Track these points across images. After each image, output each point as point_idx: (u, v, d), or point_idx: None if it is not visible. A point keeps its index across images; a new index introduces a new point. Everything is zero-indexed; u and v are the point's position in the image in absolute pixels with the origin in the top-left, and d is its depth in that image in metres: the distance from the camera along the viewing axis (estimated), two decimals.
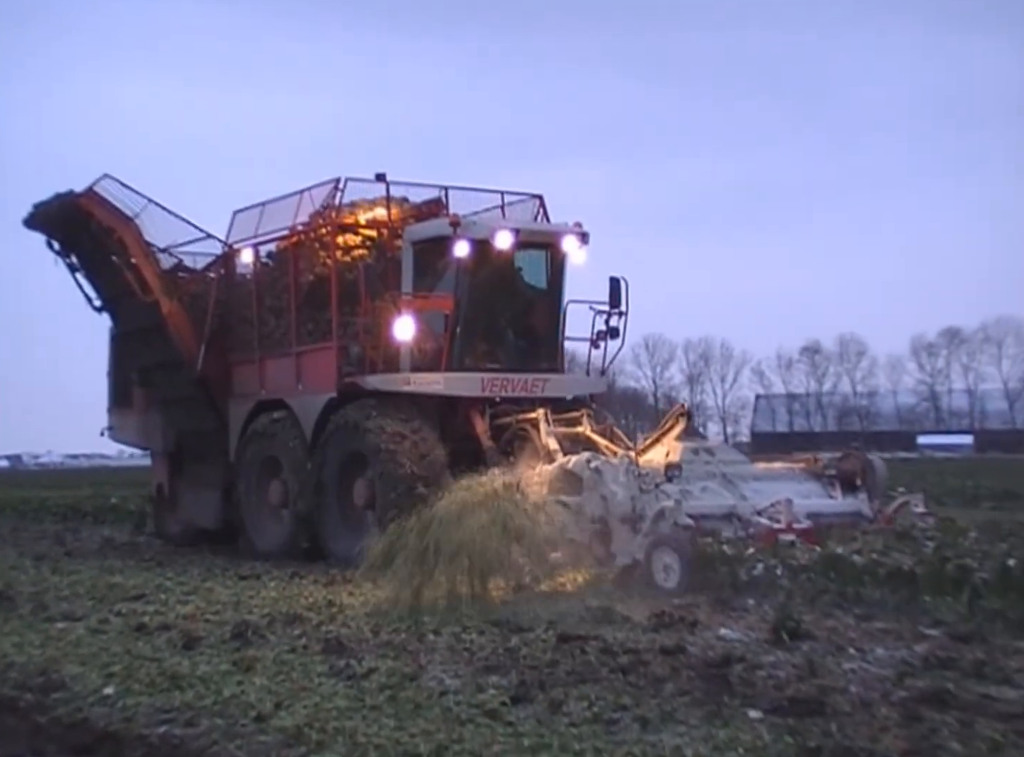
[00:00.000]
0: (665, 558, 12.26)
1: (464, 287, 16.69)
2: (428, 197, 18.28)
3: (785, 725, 6.62)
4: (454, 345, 16.69)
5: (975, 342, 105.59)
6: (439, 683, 7.99)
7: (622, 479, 13.49)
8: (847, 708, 6.95)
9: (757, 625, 9.85)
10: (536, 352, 17.57)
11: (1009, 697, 7.21)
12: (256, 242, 18.88)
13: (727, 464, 14.67)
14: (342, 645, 9.42)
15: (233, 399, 19.39)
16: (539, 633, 9.74)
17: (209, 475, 19.84)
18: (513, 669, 8.34)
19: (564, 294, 17.50)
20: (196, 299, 19.63)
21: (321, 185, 17.83)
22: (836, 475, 14.66)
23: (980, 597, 9.96)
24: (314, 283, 17.84)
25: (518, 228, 16.74)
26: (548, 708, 7.20)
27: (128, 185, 19.49)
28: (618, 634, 9.62)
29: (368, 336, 16.81)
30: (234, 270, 19.57)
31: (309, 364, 17.87)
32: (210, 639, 10.00)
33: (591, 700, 7.33)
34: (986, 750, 6.14)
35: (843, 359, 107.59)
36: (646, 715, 6.96)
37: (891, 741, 6.24)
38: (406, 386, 16.65)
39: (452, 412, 16.87)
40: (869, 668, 8.12)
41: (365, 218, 17.80)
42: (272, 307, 18.65)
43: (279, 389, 18.43)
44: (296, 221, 18.12)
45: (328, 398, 17.26)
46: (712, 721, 6.80)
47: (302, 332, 18.00)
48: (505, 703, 7.33)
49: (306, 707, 7.41)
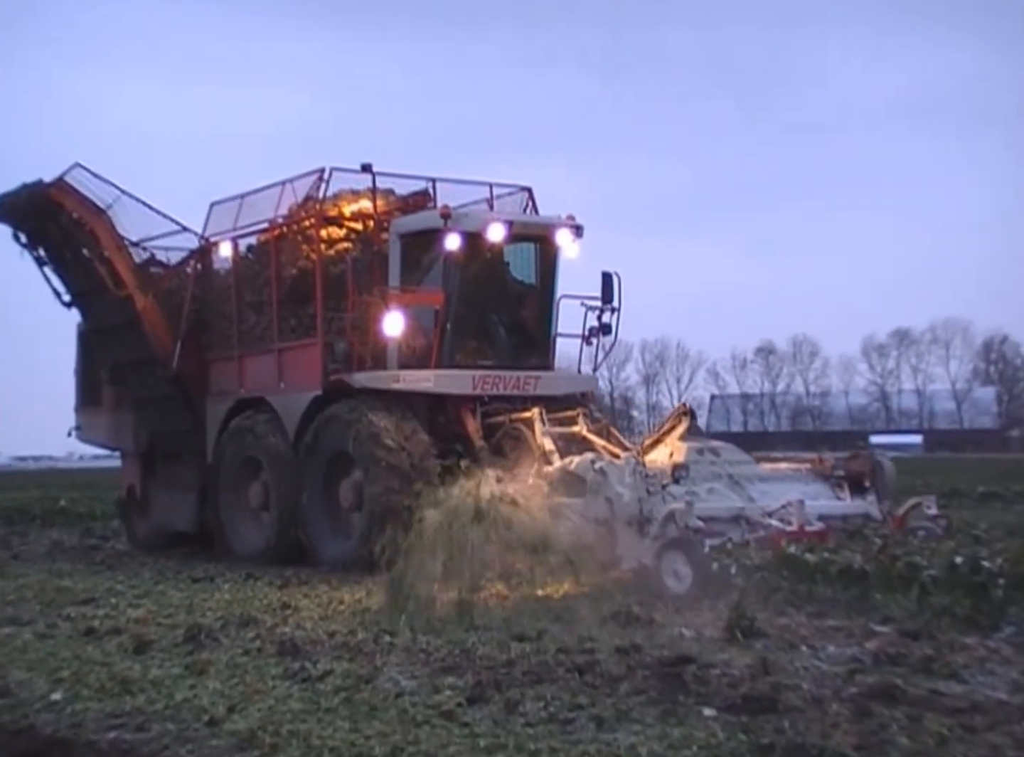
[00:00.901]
0: (675, 562, 11.78)
1: (455, 281, 16.17)
2: (414, 189, 17.67)
3: (738, 722, 6.69)
4: (444, 341, 16.16)
5: (924, 343, 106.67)
6: (395, 685, 7.97)
7: (628, 480, 13.05)
8: (799, 705, 7.02)
9: (712, 623, 9.79)
10: (528, 349, 17.07)
11: (956, 692, 7.33)
12: (235, 235, 18.25)
13: (733, 465, 14.22)
14: (297, 647, 9.37)
15: (210, 398, 18.75)
16: (494, 633, 9.75)
17: (184, 476, 19.18)
18: (469, 670, 8.34)
19: (557, 289, 17.02)
20: (171, 294, 18.99)
21: (304, 176, 17.23)
22: (844, 476, 14.22)
23: (928, 594, 10.04)
24: (297, 277, 17.23)
25: (511, 220, 16.24)
26: (504, 708, 7.21)
27: (100, 175, 18.86)
28: (572, 633, 9.60)
29: (356, 332, 16.21)
30: (211, 264, 18.94)
31: (292, 361, 17.26)
32: (162, 643, 9.90)
33: (547, 700, 7.35)
34: (933, 745, 6.21)
35: (796, 360, 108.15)
36: (601, 714, 7.00)
37: (842, 737, 6.32)
38: (395, 384, 16.09)
39: (442, 411, 16.35)
40: (821, 665, 8.19)
41: (350, 210, 17.22)
42: (252, 302, 18.03)
43: (260, 387, 17.82)
44: (278, 213, 17.52)
45: (313, 396, 16.67)
46: (667, 719, 6.86)
47: (284, 328, 17.40)
48: (461, 704, 7.34)
49: (260, 710, 7.37)
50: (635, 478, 13.02)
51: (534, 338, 17.12)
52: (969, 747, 6.20)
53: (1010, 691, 7.39)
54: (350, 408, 15.96)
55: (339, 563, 15.39)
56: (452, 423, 16.20)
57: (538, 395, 16.45)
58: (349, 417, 15.85)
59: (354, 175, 17.17)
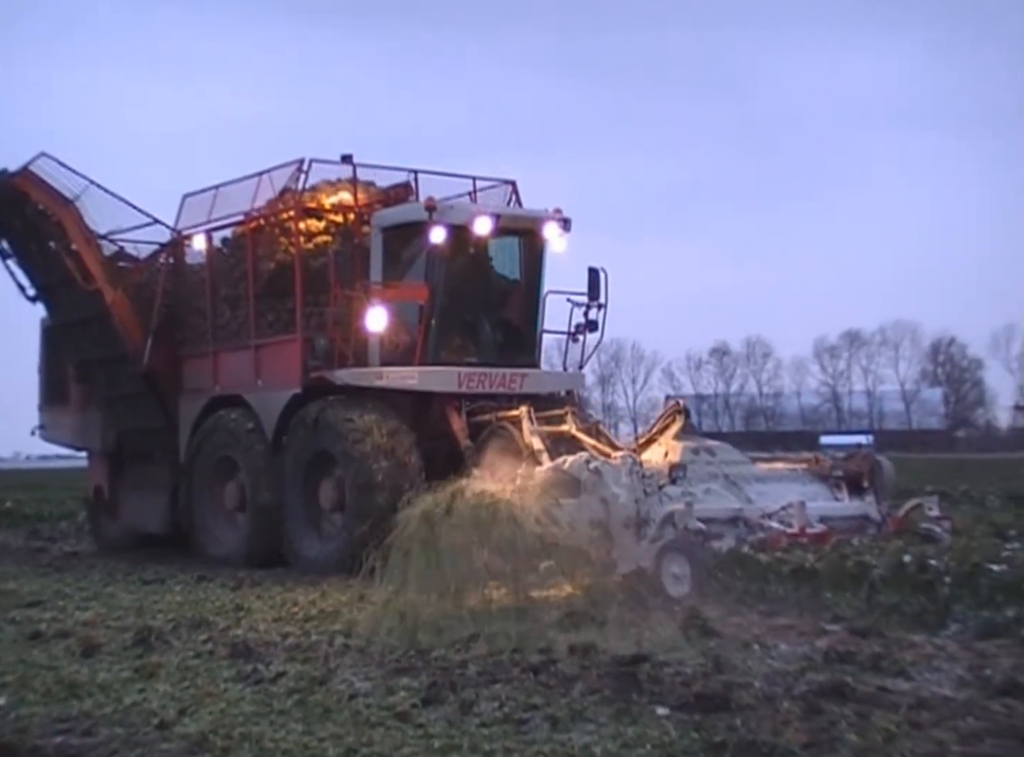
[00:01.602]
0: (675, 565, 11.46)
1: (440, 276, 15.76)
2: (395, 181, 17.24)
3: (691, 721, 6.73)
4: (429, 338, 15.75)
5: (874, 345, 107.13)
6: (349, 686, 7.92)
7: (625, 481, 12.66)
8: (751, 703, 7.06)
9: (666, 622, 9.71)
10: (514, 345, 16.67)
11: (903, 689, 7.41)
12: (209, 228, 17.73)
13: (729, 465, 13.84)
14: (249, 649, 9.28)
15: (183, 395, 18.22)
16: (450, 634, 9.64)
17: (155, 476, 18.62)
18: (424, 671, 8.31)
19: (543, 284, 16.63)
20: (141, 289, 18.46)
21: (282, 167, 16.74)
22: (843, 476, 13.91)
23: (877, 592, 10.13)
24: (275, 271, 16.75)
25: (498, 213, 15.84)
26: (459, 709, 7.20)
27: (67, 165, 18.32)
28: (527, 632, 9.53)
29: (338, 328, 15.75)
30: (184, 258, 18.46)
31: (270, 358, 16.77)
32: (111, 646, 9.75)
33: (502, 700, 7.35)
34: (881, 741, 6.27)
35: (750, 361, 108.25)
36: (556, 714, 7.00)
37: (792, 734, 6.37)
38: (378, 381, 15.66)
39: (426, 409, 15.94)
40: (773, 663, 8.24)
41: (329, 202, 16.76)
42: (227, 297, 17.53)
43: (236, 384, 17.33)
44: (254, 205, 17.02)
45: (292, 394, 16.20)
46: (621, 719, 6.88)
47: (261, 323, 16.91)
48: (416, 705, 7.32)
49: (211, 713, 7.29)
50: (632, 478, 12.66)
51: (520, 335, 16.74)
52: (916, 743, 6.24)
53: (955, 687, 7.48)
54: (332, 406, 15.52)
55: (319, 565, 14.96)
56: (436, 422, 15.80)
57: (524, 393, 16.11)
58: (331, 415, 15.41)
59: (333, 167, 16.76)
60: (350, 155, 16.68)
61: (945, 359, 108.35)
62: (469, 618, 10.04)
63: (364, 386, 15.64)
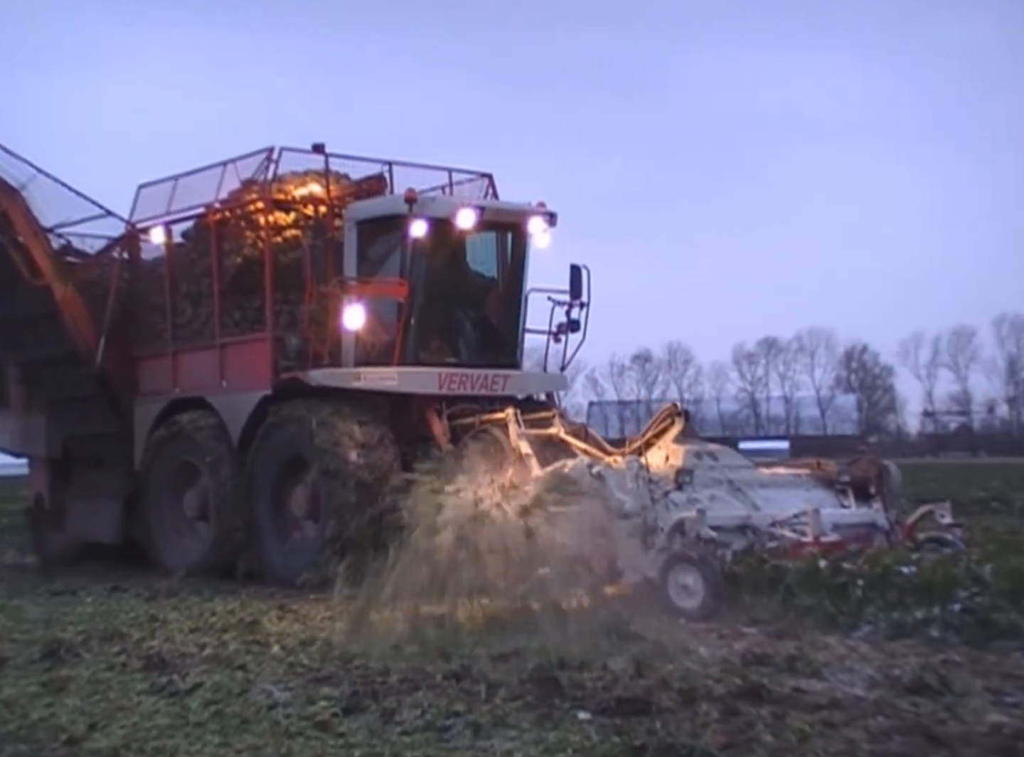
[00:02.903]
0: (685, 576, 10.88)
1: (420, 272, 14.98)
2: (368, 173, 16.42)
3: (612, 725, 6.78)
4: (408, 337, 14.95)
5: (791, 352, 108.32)
6: (268, 696, 7.78)
7: (631, 486, 12.04)
8: (671, 706, 7.14)
9: (588, 628, 9.52)
10: (496, 345, 15.92)
11: (817, 689, 7.56)
12: (169, 220, 16.77)
13: (732, 469, 13.22)
14: (164, 661, 9.09)
15: (139, 398, 17.23)
16: (373, 645, 9.48)
17: (107, 484, 17.57)
18: (345, 679, 8.21)
19: (526, 282, 15.91)
20: (93, 285, 17.46)
21: (250, 156, 15.85)
22: (849, 482, 13.35)
23: (793, 595, 10.32)
24: (242, 266, 15.83)
25: (482, 206, 15.10)
26: (380, 717, 7.16)
27: (12, 151, 17.30)
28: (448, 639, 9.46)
29: (314, 326, 14.90)
30: (140, 252, 17.45)
31: (236, 358, 15.86)
32: (17, 660, 9.45)
33: (424, 707, 7.32)
34: (796, 741, 6.36)
35: (671, 367, 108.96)
36: (478, 721, 6.99)
37: (711, 736, 6.46)
38: (356, 382, 14.83)
39: (404, 411, 15.15)
40: (692, 666, 8.29)
41: (300, 194, 15.91)
42: (189, 294, 16.58)
43: (198, 386, 16.40)
44: (219, 196, 16.11)
45: (261, 396, 15.32)
46: (542, 724, 6.89)
47: (227, 322, 15.99)
48: (336, 714, 7.24)
49: (123, 727, 7.11)
50: (639, 484, 12.03)
51: (502, 334, 16.00)
52: (829, 742, 6.35)
53: (867, 687, 7.63)
54: (307, 409, 14.70)
55: (290, 576, 14.16)
56: (416, 425, 15.03)
57: (505, 395, 15.45)
58: (305, 418, 14.59)
59: (302, 157, 15.92)
60: (322, 145, 15.85)
61: (858, 366, 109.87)
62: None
63: (342, 387, 14.81)
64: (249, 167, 15.85)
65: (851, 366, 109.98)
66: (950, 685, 7.56)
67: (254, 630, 10.73)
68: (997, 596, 9.62)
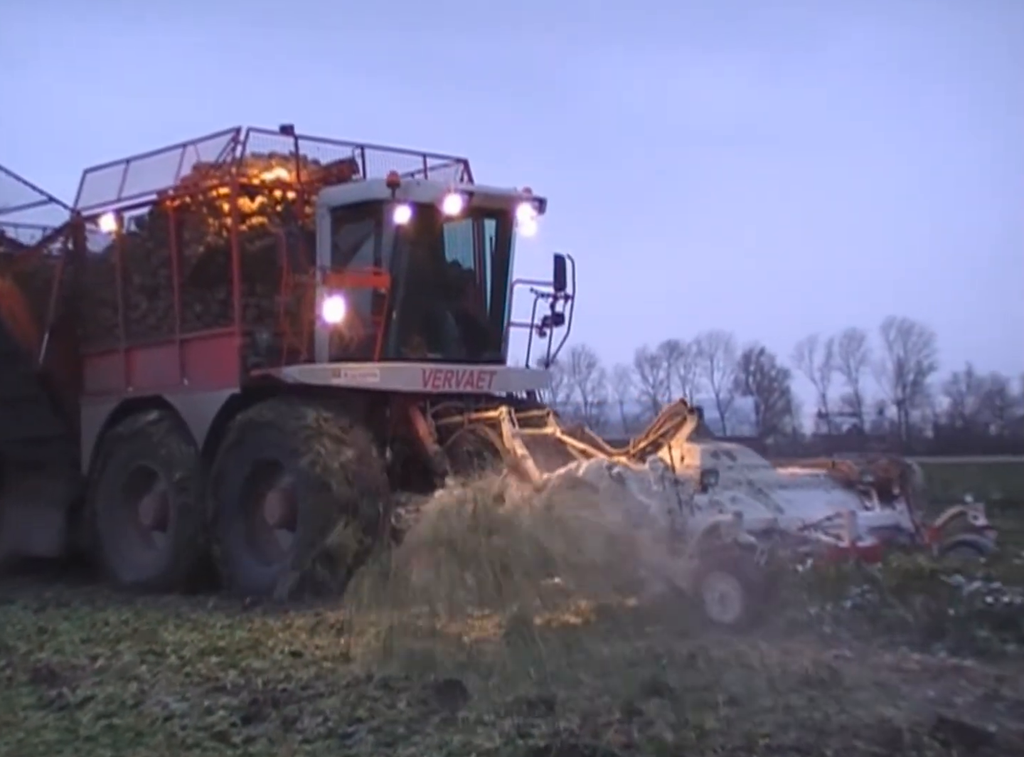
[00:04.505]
0: (722, 585, 10.08)
1: (403, 261, 13.98)
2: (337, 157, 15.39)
3: (515, 727, 6.72)
4: (390, 330, 13.94)
5: (691, 355, 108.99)
6: (163, 708, 7.63)
7: (655, 489, 11.21)
8: (573, 707, 7.16)
9: (494, 629, 9.61)
10: (481, 340, 14.93)
11: (717, 686, 7.58)
12: (120, 207, 15.57)
13: (751, 470, 12.46)
14: (54, 674, 8.82)
15: (85, 398, 16.01)
16: (273, 652, 9.55)
17: (48, 491, 16.30)
18: (245, 688, 8.11)
19: (511, 272, 14.95)
20: (32, 277, 16.18)
21: (212, 137, 14.77)
22: (873, 482, 12.63)
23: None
24: (204, 256, 14.69)
25: (470, 191, 14.11)
26: (281, 725, 7.06)
27: None
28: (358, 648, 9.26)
29: (290, 319, 13.82)
30: (86, 241, 16.24)
31: (200, 354, 14.74)
32: None
33: (326, 714, 7.24)
34: (695, 738, 6.44)
35: (575, 370, 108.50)
36: (381, 727, 6.93)
37: (612, 736, 6.49)
38: (336, 379, 13.79)
39: (385, 410, 14.13)
40: (596, 667, 8.26)
41: (268, 179, 14.82)
42: (144, 286, 15.39)
43: (155, 385, 15.22)
44: (179, 181, 14.95)
45: (229, 394, 14.21)
46: (446, 729, 6.83)
47: (188, 315, 14.84)
48: (235, 724, 7.11)
49: (8, 744, 6.96)
50: (664, 486, 11.20)
51: (487, 328, 15.00)
52: (727, 738, 6.41)
53: (764, 683, 7.69)
54: (283, 408, 13.63)
55: (263, 590, 13.11)
56: (398, 425, 14.05)
57: (486, 393, 14.61)
58: (280, 418, 13.53)
59: (270, 138, 14.86)
60: (291, 126, 14.82)
61: (756, 369, 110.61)
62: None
63: (321, 384, 13.76)
64: (212, 149, 14.76)
65: (749, 369, 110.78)
66: (841, 680, 7.72)
67: (150, 640, 10.49)
68: (886, 592, 9.76)
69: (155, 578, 14.52)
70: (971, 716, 6.80)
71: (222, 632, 10.80)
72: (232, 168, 14.45)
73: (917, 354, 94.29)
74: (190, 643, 10.18)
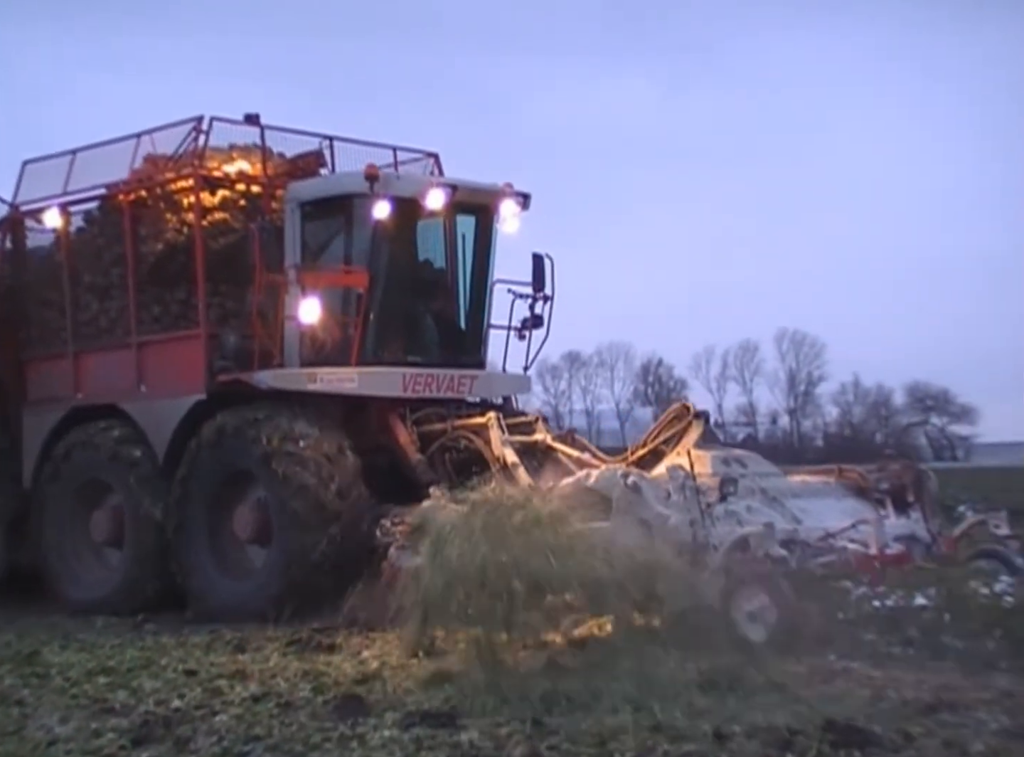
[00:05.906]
0: (753, 602, 9.43)
1: (382, 259, 13.17)
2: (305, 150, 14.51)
3: (416, 739, 6.69)
4: (368, 333, 13.11)
5: (592, 366, 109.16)
6: (47, 732, 7.37)
7: (675, 499, 10.51)
8: (477, 718, 7.11)
9: (395, 645, 9.52)
10: (460, 342, 14.16)
11: (622, 693, 7.52)
12: (66, 201, 14.55)
13: (763, 477, 11.83)
14: None
15: (27, 407, 14.97)
16: (166, 671, 9.30)
17: None
18: (135, 709, 7.88)
19: (492, 271, 14.18)
20: None
21: (171, 126, 13.80)
22: (888, 489, 12.06)
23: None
24: (163, 254, 13.74)
25: (454, 185, 13.30)
26: (174, 747, 6.88)
27: None
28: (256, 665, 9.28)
29: (262, 321, 12.92)
30: (25, 238, 15.17)
31: (159, 358, 13.83)
32: None
33: (221, 733, 7.06)
34: (594, 744, 6.49)
35: None
36: (279, 744, 6.80)
37: (513, 747, 6.48)
38: (312, 384, 12.93)
39: (362, 417, 13.31)
40: (499, 677, 8.04)
41: (232, 171, 13.90)
42: (94, 286, 14.40)
43: (108, 391, 14.23)
44: (133, 173, 13.96)
45: (194, 401, 13.27)
46: (346, 743, 6.75)
47: (145, 317, 13.89)
48: (124, 746, 6.92)
49: None
50: (685, 496, 10.51)
51: (467, 330, 14.22)
52: (624, 745, 6.45)
53: (666, 685, 7.70)
54: (249, 414, 12.73)
55: (232, 610, 12.23)
56: (377, 432, 13.22)
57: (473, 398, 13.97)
58: (252, 426, 12.63)
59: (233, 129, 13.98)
60: (256, 115, 13.93)
61: (654, 379, 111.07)
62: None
63: (296, 390, 12.89)
64: (169, 140, 13.80)
65: (648, 380, 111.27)
66: (742, 684, 7.76)
67: (32, 662, 10.04)
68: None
69: (108, 597, 13.61)
70: (859, 718, 6.89)
71: (111, 652, 10.42)
72: (195, 160, 13.50)
73: (808, 365, 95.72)
74: (77, 664, 9.78)
